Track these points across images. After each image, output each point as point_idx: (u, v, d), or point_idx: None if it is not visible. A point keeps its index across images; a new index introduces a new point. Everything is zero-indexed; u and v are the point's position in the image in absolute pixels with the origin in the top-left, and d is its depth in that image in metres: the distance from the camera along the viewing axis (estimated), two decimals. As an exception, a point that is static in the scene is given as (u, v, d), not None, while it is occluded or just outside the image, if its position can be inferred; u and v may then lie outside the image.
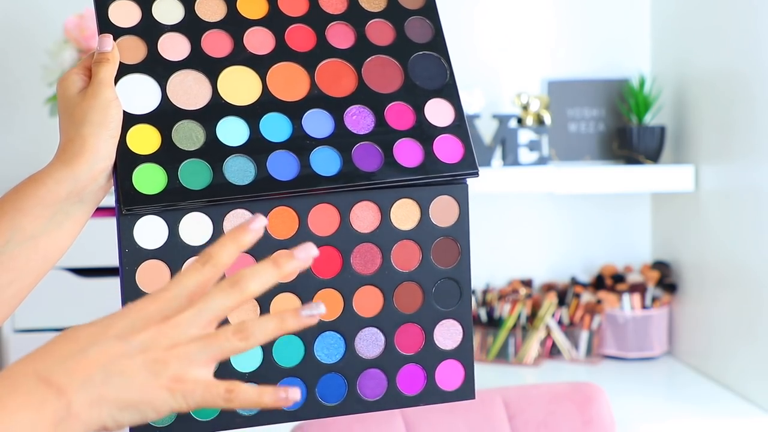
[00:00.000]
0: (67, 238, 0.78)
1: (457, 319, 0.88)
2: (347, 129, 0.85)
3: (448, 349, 0.88)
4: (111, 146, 0.76)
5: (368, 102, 0.86)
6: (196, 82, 0.83)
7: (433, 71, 0.90)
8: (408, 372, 0.87)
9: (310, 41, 0.88)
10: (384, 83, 0.88)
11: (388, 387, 0.86)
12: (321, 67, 0.87)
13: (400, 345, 0.86)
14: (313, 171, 0.82)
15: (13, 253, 0.75)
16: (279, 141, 0.83)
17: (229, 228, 0.81)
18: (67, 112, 0.77)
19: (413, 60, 0.89)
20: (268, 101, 0.84)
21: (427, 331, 0.87)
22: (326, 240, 0.84)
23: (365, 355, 0.85)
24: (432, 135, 0.87)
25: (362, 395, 0.85)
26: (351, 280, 0.84)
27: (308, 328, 0.82)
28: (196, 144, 0.81)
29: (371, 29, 0.90)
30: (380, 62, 0.89)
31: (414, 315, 0.86)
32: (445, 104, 0.89)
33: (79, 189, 0.76)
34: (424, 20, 0.92)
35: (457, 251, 0.87)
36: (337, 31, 0.89)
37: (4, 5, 1.85)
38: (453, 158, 0.86)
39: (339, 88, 0.86)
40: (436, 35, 0.91)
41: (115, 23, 0.83)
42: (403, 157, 0.85)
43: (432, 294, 0.87)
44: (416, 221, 0.86)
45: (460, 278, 0.87)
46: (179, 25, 0.85)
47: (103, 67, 0.78)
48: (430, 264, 0.86)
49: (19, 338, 1.78)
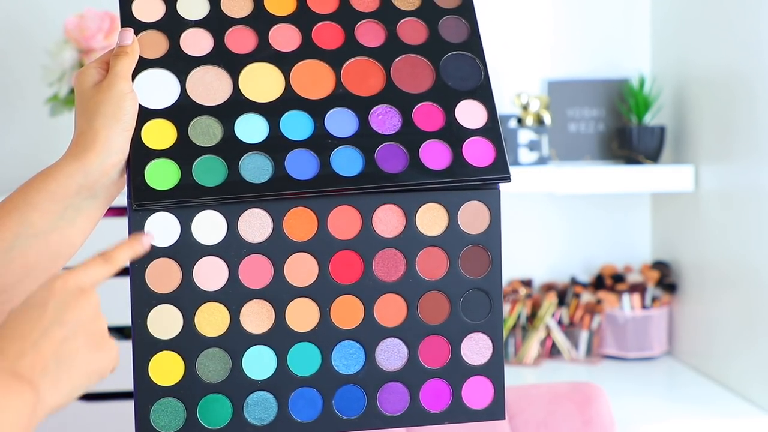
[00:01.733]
0: (79, 234, 0.76)
1: (487, 333, 0.83)
2: (372, 129, 0.81)
3: (476, 365, 0.83)
4: (124, 140, 0.74)
5: (396, 102, 0.83)
6: (216, 77, 0.81)
7: (467, 72, 0.85)
8: (432, 387, 0.82)
9: (338, 39, 0.85)
10: (414, 83, 0.84)
11: (411, 402, 0.81)
12: (348, 66, 0.84)
13: (424, 358, 0.81)
14: (333, 171, 0.79)
15: (23, 249, 0.73)
16: (299, 139, 0.79)
17: (244, 228, 0.78)
18: (81, 106, 0.75)
19: (446, 60, 0.85)
20: (291, 99, 0.81)
21: (454, 345, 0.82)
22: (347, 244, 0.80)
23: (386, 367, 0.81)
24: (462, 137, 0.82)
25: (382, 410, 0.81)
26: (372, 287, 0.80)
27: (325, 336, 0.79)
28: (212, 140, 0.78)
29: (403, 28, 0.86)
30: (411, 62, 0.85)
31: (440, 327, 0.82)
32: (478, 106, 0.84)
33: (91, 183, 0.74)
34: (459, 20, 0.88)
35: (487, 260, 0.83)
36: (368, 29, 0.86)
37: (4, 5, 1.87)
38: (483, 162, 0.82)
39: (366, 87, 0.83)
40: (472, 35, 0.87)
41: (138, 18, 0.81)
42: (430, 159, 0.81)
43: (460, 305, 0.82)
44: (444, 227, 0.82)
45: (491, 289, 0.82)
46: (203, 21, 0.83)
47: (121, 60, 0.76)
48: (458, 273, 0.82)
49: None
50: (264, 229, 0.78)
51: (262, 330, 0.78)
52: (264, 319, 0.79)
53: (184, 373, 0.77)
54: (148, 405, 0.76)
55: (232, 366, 0.78)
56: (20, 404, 0.56)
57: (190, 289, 0.77)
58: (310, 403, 0.79)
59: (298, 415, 0.79)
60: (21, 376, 0.57)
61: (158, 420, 0.77)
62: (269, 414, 0.78)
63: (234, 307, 0.78)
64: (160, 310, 0.77)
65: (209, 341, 0.78)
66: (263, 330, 0.78)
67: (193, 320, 0.77)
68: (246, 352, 0.78)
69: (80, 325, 0.60)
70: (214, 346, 0.78)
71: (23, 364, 0.57)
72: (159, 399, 0.77)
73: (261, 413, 0.78)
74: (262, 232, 0.78)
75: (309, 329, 0.79)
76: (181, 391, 0.77)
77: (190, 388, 0.77)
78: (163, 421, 0.77)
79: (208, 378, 0.78)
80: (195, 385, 0.77)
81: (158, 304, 0.77)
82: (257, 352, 0.78)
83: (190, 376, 0.77)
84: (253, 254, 0.78)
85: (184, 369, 0.77)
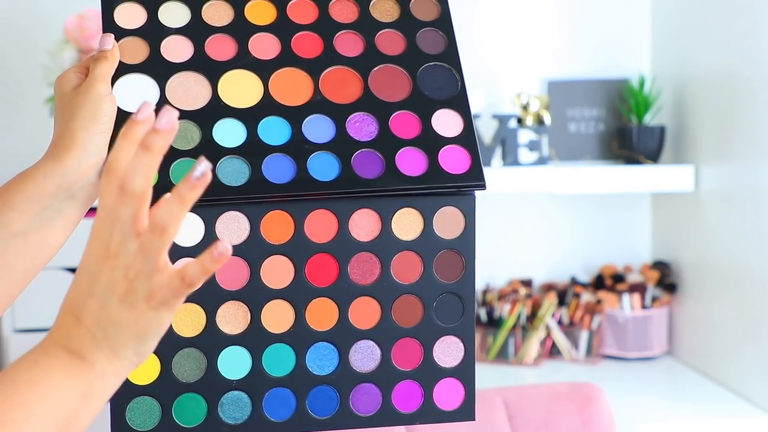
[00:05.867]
0: (58, 235, 0.77)
1: (459, 336, 0.84)
2: (349, 135, 0.83)
3: (447, 367, 0.84)
4: (101, 141, 0.76)
5: (373, 110, 0.84)
6: (196, 83, 0.82)
7: (443, 82, 0.87)
8: (404, 389, 0.83)
9: (316, 48, 0.87)
10: (391, 92, 0.86)
11: (383, 403, 0.82)
12: (326, 74, 0.85)
13: (396, 360, 0.83)
14: (310, 175, 0.80)
15: (1, 250, 0.74)
16: (277, 144, 0.81)
17: (221, 230, 0.79)
18: (60, 108, 0.77)
19: (423, 70, 0.87)
20: (269, 105, 0.83)
21: (426, 347, 0.83)
22: (323, 247, 0.81)
23: (359, 368, 0.82)
24: (438, 145, 0.84)
25: (355, 410, 0.82)
26: (347, 290, 0.82)
27: (300, 337, 0.81)
28: (190, 144, 0.80)
29: (381, 39, 0.88)
30: (388, 71, 0.87)
31: (413, 329, 0.83)
32: (454, 115, 0.86)
33: (69, 184, 0.75)
34: (437, 32, 0.90)
35: (461, 265, 0.84)
36: (346, 39, 0.88)
37: (4, 5, 1.88)
38: (459, 169, 0.84)
39: (343, 95, 0.85)
40: (449, 46, 0.89)
41: (119, 24, 0.83)
42: (406, 166, 0.83)
43: (433, 308, 0.83)
44: (419, 232, 0.83)
45: (464, 293, 0.84)
46: (184, 29, 0.85)
47: (100, 64, 0.78)
48: (431, 277, 0.83)
49: (19, 338, 1.78)
50: (241, 231, 0.80)
51: (238, 331, 0.80)
52: (240, 320, 0.80)
53: (160, 373, 0.78)
54: (123, 404, 0.78)
55: (207, 366, 0.79)
56: (79, 380, 0.59)
57: (167, 289, 0.78)
58: (283, 403, 0.81)
59: (271, 414, 0.80)
60: (73, 351, 0.59)
61: (134, 418, 0.78)
62: (243, 413, 0.80)
63: (210, 307, 0.79)
64: (137, 309, 0.78)
65: (185, 341, 0.79)
66: (239, 331, 0.80)
67: (169, 320, 0.78)
68: (221, 352, 0.79)
69: (109, 289, 0.59)
70: (190, 346, 0.79)
71: (73, 339, 0.60)
72: (135, 398, 0.78)
73: (235, 412, 0.80)
74: (239, 235, 0.80)
75: (284, 330, 0.81)
76: (156, 390, 0.78)
77: (165, 387, 0.78)
78: (139, 420, 0.78)
79: (183, 377, 0.79)
80: (171, 385, 0.78)
81: (135, 303, 0.78)
82: (232, 353, 0.80)
83: (166, 375, 0.78)
84: (229, 256, 0.79)
85: (160, 368, 0.78)
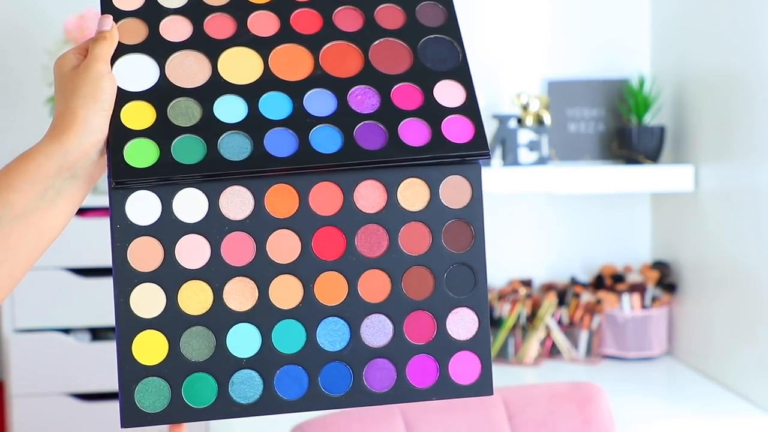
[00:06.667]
0: (61, 215, 0.76)
1: (472, 308, 0.82)
2: (350, 108, 0.82)
3: (462, 340, 0.82)
4: (102, 119, 0.75)
5: (374, 83, 0.84)
6: (196, 61, 0.82)
7: (445, 54, 0.86)
8: (419, 363, 0.81)
9: (316, 24, 0.86)
10: (392, 65, 0.85)
11: (398, 379, 0.81)
12: (326, 49, 0.85)
13: (409, 334, 0.81)
14: (312, 148, 0.79)
15: (5, 231, 0.74)
16: (278, 119, 0.80)
17: (225, 205, 0.78)
18: (60, 89, 0.76)
19: (424, 43, 0.86)
20: (269, 81, 0.82)
21: (439, 320, 0.82)
22: (329, 220, 0.80)
23: (372, 343, 0.81)
24: (441, 115, 0.83)
25: (369, 387, 0.80)
26: (356, 263, 0.80)
27: (309, 313, 0.79)
28: (191, 121, 0.79)
29: (381, 14, 0.88)
30: (389, 45, 0.86)
31: (424, 302, 0.81)
32: (456, 86, 0.85)
33: (70, 163, 0.74)
34: (436, 5, 0.89)
35: (470, 235, 0.83)
36: (345, 15, 0.87)
37: (4, 5, 1.90)
38: (462, 138, 0.82)
39: (344, 69, 0.84)
40: (449, 19, 0.88)
41: (118, 6, 0.83)
42: (409, 137, 0.82)
43: (444, 280, 0.82)
44: (425, 202, 0.82)
45: (475, 264, 0.82)
46: (183, 9, 0.84)
47: (99, 44, 0.77)
48: (441, 248, 0.82)
49: (19, 338, 1.78)
50: (245, 206, 0.79)
51: (246, 308, 0.78)
52: (247, 297, 0.79)
53: (168, 352, 0.77)
54: (132, 385, 0.76)
55: (216, 344, 0.78)
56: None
57: (173, 267, 0.77)
58: (296, 381, 0.79)
59: (284, 393, 0.78)
60: None
61: (143, 400, 0.76)
62: (255, 392, 0.78)
63: (217, 284, 0.78)
64: (143, 288, 0.77)
65: (193, 320, 0.77)
66: (247, 308, 0.78)
67: (176, 298, 0.77)
68: (230, 330, 0.78)
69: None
70: (197, 324, 0.78)
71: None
72: (143, 378, 0.76)
73: (247, 391, 0.78)
74: (243, 210, 0.78)
75: (293, 306, 0.79)
76: (165, 371, 0.77)
77: (174, 367, 0.77)
78: (148, 401, 0.76)
79: (192, 357, 0.77)
80: (179, 364, 0.77)
81: (141, 282, 0.77)
82: (241, 330, 0.78)
83: (174, 355, 0.77)
84: (235, 231, 0.78)
85: (168, 348, 0.77)
